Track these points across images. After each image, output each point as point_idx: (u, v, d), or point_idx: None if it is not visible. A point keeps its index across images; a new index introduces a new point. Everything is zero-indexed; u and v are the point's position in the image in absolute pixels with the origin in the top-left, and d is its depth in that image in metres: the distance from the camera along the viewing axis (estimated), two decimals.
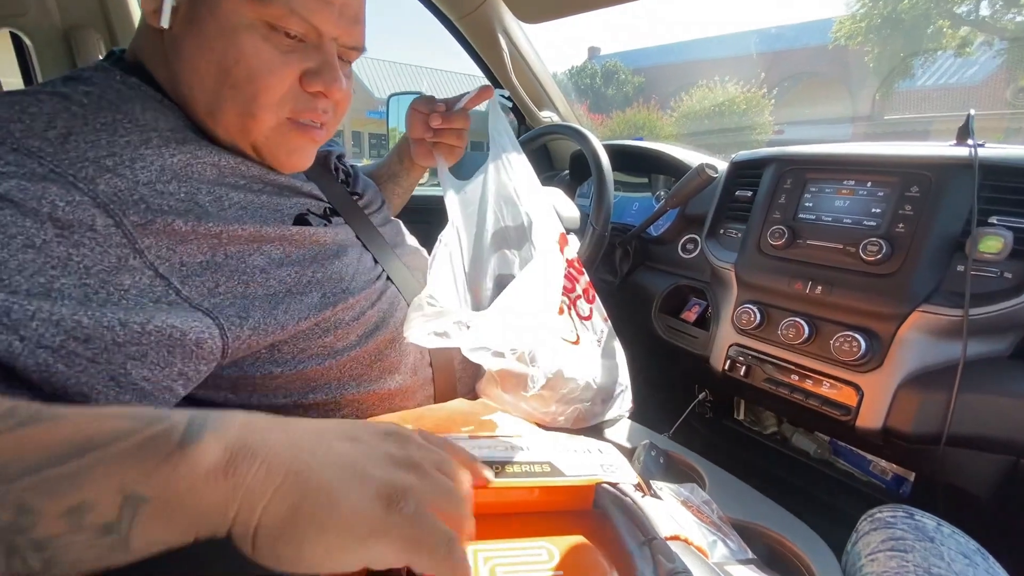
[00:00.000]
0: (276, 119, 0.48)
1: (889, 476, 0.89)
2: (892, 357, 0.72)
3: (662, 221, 1.14)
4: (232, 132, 0.48)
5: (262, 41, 0.45)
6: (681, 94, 22.37)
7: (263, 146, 0.49)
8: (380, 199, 0.71)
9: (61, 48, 0.84)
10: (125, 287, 0.37)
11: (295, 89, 0.48)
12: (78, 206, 0.36)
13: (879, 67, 18.24)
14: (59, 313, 0.32)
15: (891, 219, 0.73)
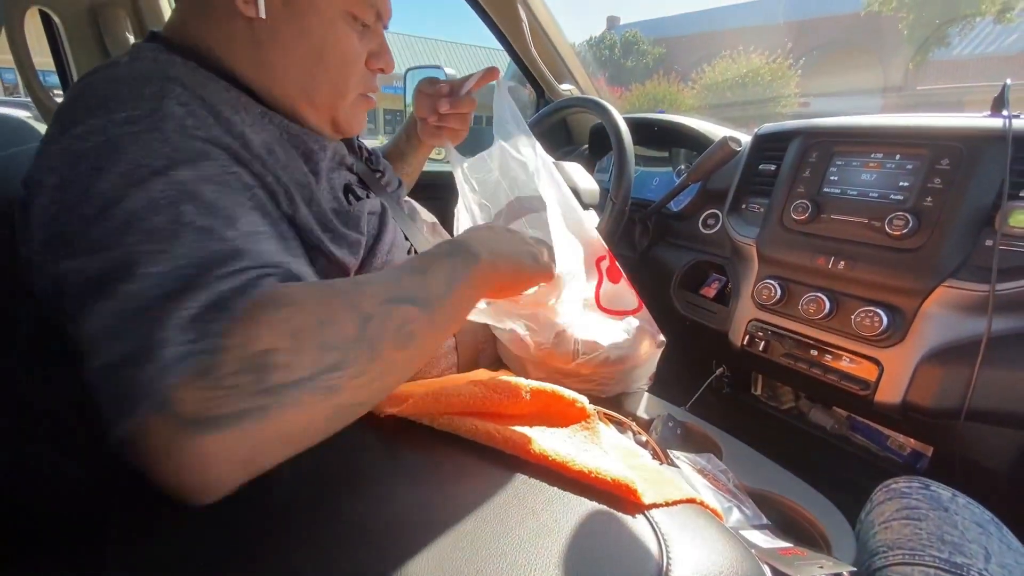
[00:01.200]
0: (353, 96, 0.56)
1: (907, 451, 0.89)
2: (915, 332, 0.71)
3: (683, 196, 1.13)
4: (323, 109, 0.54)
5: (349, 28, 0.52)
6: (703, 65, 21.69)
7: (343, 119, 0.56)
8: (397, 178, 0.73)
9: (89, 26, 0.85)
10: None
11: (362, 69, 0.56)
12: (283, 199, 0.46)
13: (913, 35, 17.37)
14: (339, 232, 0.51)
15: (919, 193, 0.72)
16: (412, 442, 0.43)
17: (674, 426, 0.70)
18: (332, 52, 0.52)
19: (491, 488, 0.37)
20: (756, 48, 20.36)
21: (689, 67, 22.72)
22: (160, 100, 0.39)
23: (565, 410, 0.48)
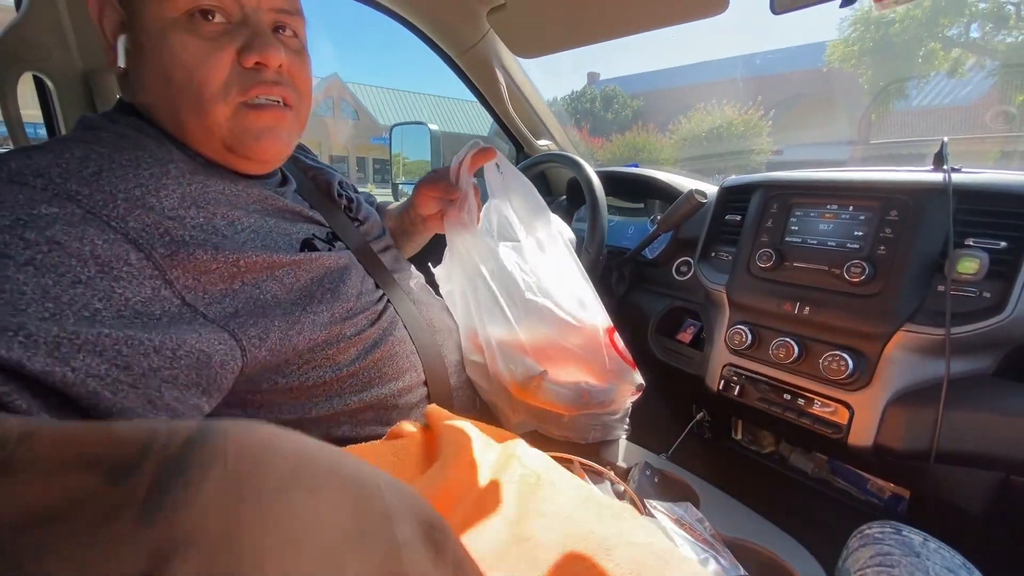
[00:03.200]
0: (229, 107, 0.49)
1: (886, 495, 0.90)
2: (880, 375, 0.74)
3: (656, 244, 1.17)
4: (199, 135, 0.49)
5: (187, 35, 0.46)
6: (679, 117, 22.72)
7: (230, 139, 0.50)
8: (380, 227, 0.74)
9: (80, 89, 0.89)
10: (157, 315, 0.40)
11: (236, 71, 0.48)
12: (114, 243, 0.39)
13: (873, 88, 18.57)
14: (102, 344, 0.35)
15: (873, 242, 0.76)
16: None
17: (651, 474, 0.70)
18: (174, 65, 0.46)
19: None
20: (728, 101, 21.48)
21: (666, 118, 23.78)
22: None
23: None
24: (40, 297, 0.34)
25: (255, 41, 0.48)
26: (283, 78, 0.51)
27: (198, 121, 0.49)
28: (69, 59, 0.86)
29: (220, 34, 0.47)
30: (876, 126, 16.49)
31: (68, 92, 0.87)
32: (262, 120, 0.51)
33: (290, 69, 0.52)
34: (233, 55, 0.48)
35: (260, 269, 0.48)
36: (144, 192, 0.43)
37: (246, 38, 0.48)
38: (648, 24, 1.02)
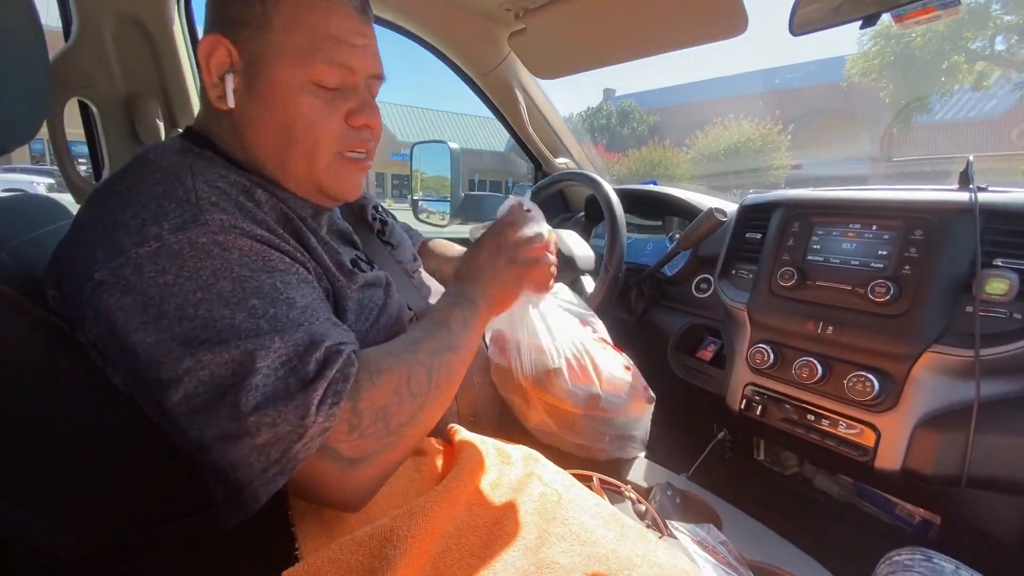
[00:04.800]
0: (331, 157, 0.56)
1: (916, 520, 0.87)
2: (907, 397, 0.72)
3: (676, 261, 1.17)
4: (300, 177, 0.56)
5: (311, 97, 0.53)
6: (696, 132, 22.67)
7: (325, 179, 0.56)
8: (411, 252, 0.77)
9: (123, 114, 0.93)
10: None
11: (342, 128, 0.55)
12: (298, 265, 0.49)
13: (895, 103, 18.31)
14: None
15: (897, 261, 0.75)
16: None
17: (673, 495, 0.69)
18: (297, 123, 0.53)
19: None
20: (746, 116, 21.39)
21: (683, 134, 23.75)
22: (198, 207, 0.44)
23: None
24: (317, 302, 0.48)
25: (365, 107, 0.56)
26: (372, 135, 0.59)
27: (305, 165, 0.55)
28: (113, 86, 0.90)
29: (334, 98, 0.54)
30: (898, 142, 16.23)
31: (111, 117, 0.92)
32: (352, 170, 0.58)
33: (376, 128, 0.59)
34: (342, 115, 0.55)
35: (342, 280, 0.55)
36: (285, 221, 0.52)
37: (356, 103, 0.55)
38: (666, 46, 1.04)
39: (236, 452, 0.40)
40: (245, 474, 0.40)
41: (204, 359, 0.39)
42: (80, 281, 0.42)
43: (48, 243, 0.57)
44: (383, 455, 0.45)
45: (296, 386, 0.40)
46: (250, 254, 0.44)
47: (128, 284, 0.41)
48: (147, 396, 0.42)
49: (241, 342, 0.40)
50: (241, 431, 0.39)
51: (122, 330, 0.41)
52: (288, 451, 0.40)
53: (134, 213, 0.43)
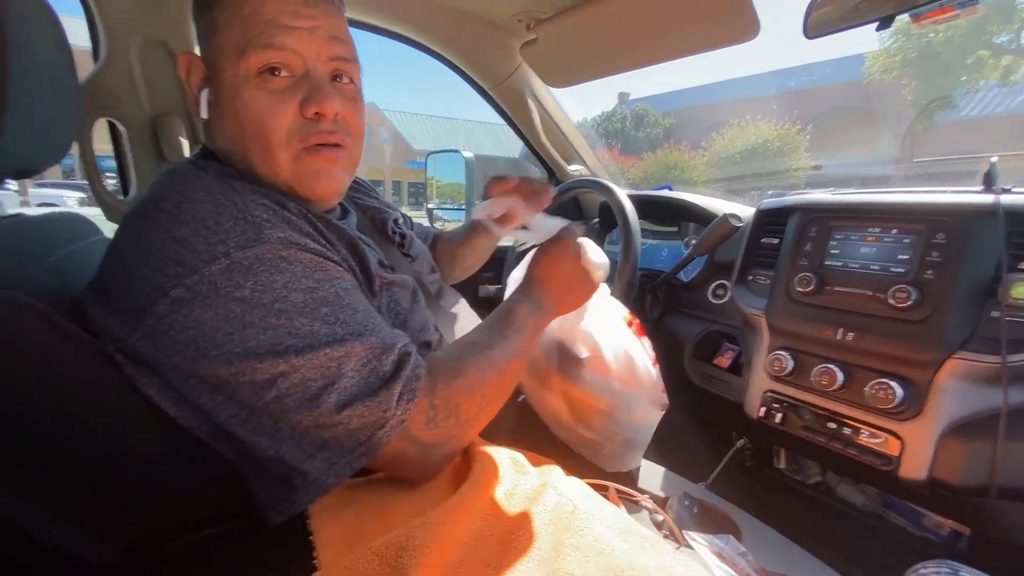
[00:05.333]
0: (291, 152, 0.53)
1: (945, 531, 0.85)
2: (931, 405, 0.71)
3: (692, 267, 1.16)
4: (269, 177, 0.54)
5: (257, 90, 0.51)
6: (712, 134, 22.44)
7: (292, 180, 0.55)
8: (431, 263, 0.78)
9: (148, 132, 0.97)
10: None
11: (299, 120, 0.53)
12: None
13: (918, 100, 17.86)
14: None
15: (919, 266, 0.74)
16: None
17: (691, 504, 0.69)
18: (246, 117, 0.52)
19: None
20: (763, 117, 21.11)
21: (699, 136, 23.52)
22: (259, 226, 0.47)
23: None
24: (369, 306, 0.52)
25: (315, 93, 0.53)
26: (338, 125, 0.55)
27: (266, 165, 0.54)
28: (139, 106, 0.94)
29: (285, 88, 0.52)
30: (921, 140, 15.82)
31: (137, 135, 0.95)
32: (317, 162, 0.55)
33: (345, 115, 0.56)
34: (296, 107, 0.53)
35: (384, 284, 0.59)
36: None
37: (307, 90, 0.53)
38: (678, 52, 1.04)
39: (329, 435, 0.45)
40: (333, 455, 0.46)
41: (296, 364, 0.44)
42: (151, 296, 0.44)
43: (81, 258, 0.60)
44: (453, 442, 0.53)
45: (377, 384, 0.46)
46: (311, 266, 0.48)
47: (207, 300, 0.43)
48: (232, 396, 0.45)
49: (328, 349, 0.45)
50: (335, 422, 0.45)
51: (208, 341, 0.43)
52: (372, 437, 0.46)
53: (193, 231, 0.45)
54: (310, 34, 0.52)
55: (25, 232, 0.57)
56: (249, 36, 0.51)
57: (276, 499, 0.46)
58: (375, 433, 0.46)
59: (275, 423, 0.45)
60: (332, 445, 0.46)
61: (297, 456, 0.45)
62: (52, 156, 0.61)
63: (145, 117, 0.95)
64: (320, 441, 0.45)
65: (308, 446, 0.45)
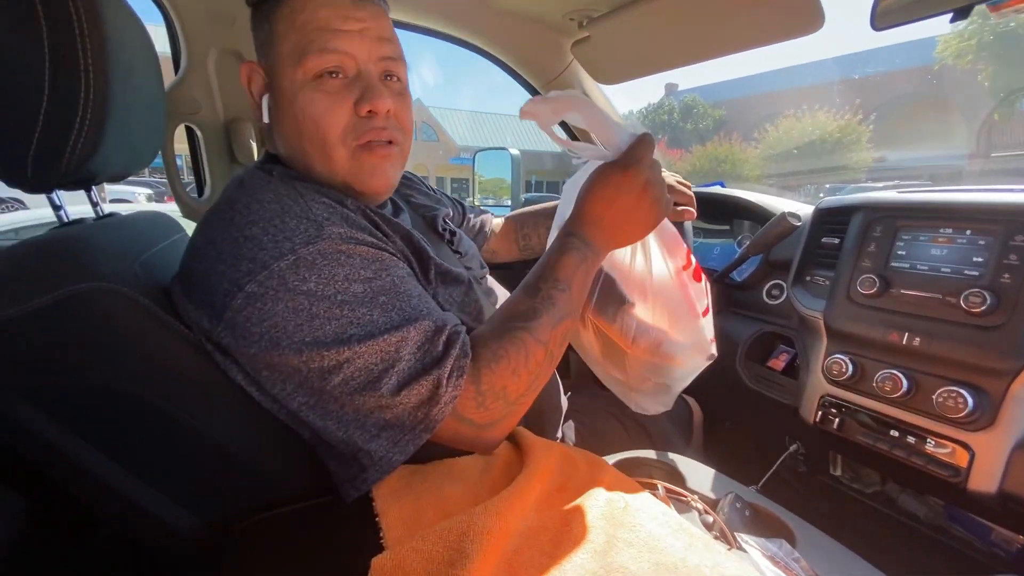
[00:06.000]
0: (348, 150, 0.57)
1: (1015, 547, 0.80)
2: (1005, 416, 0.67)
3: (745, 266, 1.14)
4: (327, 175, 0.58)
5: (315, 92, 0.55)
6: (765, 125, 21.50)
7: (349, 177, 0.58)
8: (479, 260, 0.80)
9: (222, 136, 1.04)
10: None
11: (353, 119, 0.56)
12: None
13: (995, 87, 16.46)
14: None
15: (995, 269, 0.70)
16: None
17: (742, 507, 0.68)
18: (304, 119, 0.55)
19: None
20: (821, 106, 20.04)
21: (751, 127, 22.61)
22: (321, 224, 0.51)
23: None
24: (423, 291, 0.55)
25: (367, 93, 0.56)
26: (390, 121, 0.59)
27: (324, 164, 0.57)
28: (215, 112, 1.01)
29: (339, 90, 0.56)
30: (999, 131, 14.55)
31: (212, 139, 1.02)
32: (372, 160, 0.58)
33: (396, 112, 0.59)
34: (351, 106, 0.56)
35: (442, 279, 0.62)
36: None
37: (360, 90, 0.56)
38: (735, 47, 1.01)
39: (391, 415, 0.49)
40: (396, 433, 0.49)
41: (359, 350, 0.47)
42: (228, 291, 0.48)
43: (168, 255, 0.65)
44: (507, 419, 0.54)
45: (430, 364, 0.49)
46: (368, 258, 0.51)
47: (277, 293, 0.47)
48: (302, 384, 0.49)
49: (386, 335, 0.48)
50: (395, 403, 0.48)
51: (280, 332, 0.47)
52: (428, 414, 0.49)
53: (262, 229, 0.49)
54: (360, 36, 0.56)
55: (121, 231, 0.63)
56: (306, 43, 0.54)
57: (350, 477, 0.50)
58: (431, 410, 0.49)
59: (341, 407, 0.48)
60: (394, 424, 0.49)
61: (364, 437, 0.49)
62: (143, 161, 0.67)
63: (219, 122, 1.02)
64: (383, 421, 0.49)
65: (372, 427, 0.49)
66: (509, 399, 0.53)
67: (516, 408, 0.54)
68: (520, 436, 0.63)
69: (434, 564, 0.43)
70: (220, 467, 0.53)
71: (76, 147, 0.50)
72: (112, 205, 7.98)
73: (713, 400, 1.11)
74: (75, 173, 0.52)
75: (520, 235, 0.99)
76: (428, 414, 0.49)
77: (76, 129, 0.49)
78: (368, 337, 0.48)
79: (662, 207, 0.59)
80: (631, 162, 0.57)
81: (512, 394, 0.53)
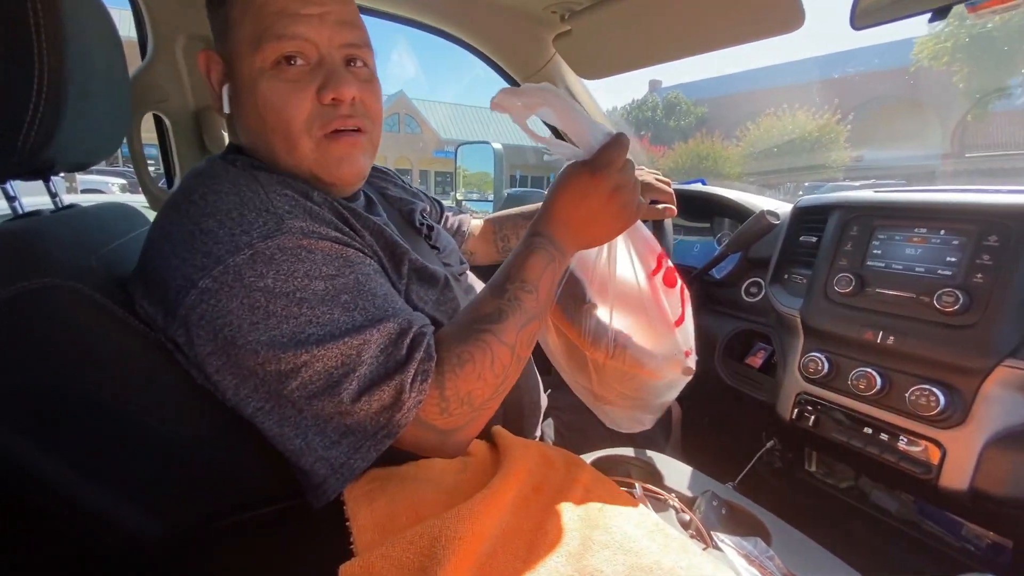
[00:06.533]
0: (313, 140, 0.54)
1: (985, 543, 0.82)
2: (976, 414, 0.68)
3: (725, 264, 1.14)
4: (293, 167, 0.55)
5: (274, 80, 0.52)
6: (747, 123, 21.78)
7: (315, 167, 0.55)
8: (458, 255, 0.79)
9: (191, 125, 1.00)
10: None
11: (317, 108, 0.54)
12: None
13: (969, 88, 16.90)
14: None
15: (968, 269, 0.71)
16: None
17: (718, 505, 0.68)
18: (266, 109, 0.53)
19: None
20: (801, 105, 20.36)
21: (732, 125, 22.87)
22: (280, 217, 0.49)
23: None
24: (391, 290, 0.53)
25: (330, 80, 0.53)
26: (356, 109, 0.56)
27: (289, 155, 0.55)
28: (184, 100, 0.97)
29: (300, 77, 0.53)
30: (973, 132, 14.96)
31: (181, 128, 0.99)
32: (339, 148, 0.56)
33: (362, 99, 0.57)
34: (313, 94, 0.53)
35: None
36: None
37: (323, 77, 0.53)
38: (717, 44, 1.01)
39: (351, 421, 0.47)
40: (357, 440, 0.47)
41: (317, 353, 0.45)
42: (182, 287, 0.46)
43: (130, 248, 0.63)
44: (472, 424, 0.53)
45: (393, 368, 0.47)
46: (331, 254, 0.49)
47: (232, 290, 0.45)
48: (258, 388, 0.46)
49: (347, 338, 0.46)
50: (355, 409, 0.46)
51: (235, 330, 0.45)
52: (391, 420, 0.47)
53: (218, 222, 0.47)
54: (320, 21, 0.53)
55: (80, 223, 0.60)
56: (262, 28, 0.52)
57: (312, 485, 0.48)
58: (394, 416, 0.47)
59: (299, 412, 0.46)
60: (355, 431, 0.47)
61: (323, 443, 0.47)
62: (105, 150, 0.63)
63: (189, 110, 0.98)
64: (344, 427, 0.46)
65: (333, 432, 0.47)
66: (474, 404, 0.51)
67: (481, 413, 0.52)
68: (498, 436, 0.62)
69: (405, 571, 0.42)
70: (182, 468, 0.51)
71: (30, 134, 0.47)
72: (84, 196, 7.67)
73: (691, 397, 1.12)
74: (30, 162, 0.49)
75: (499, 236, 0.97)
76: (391, 420, 0.47)
77: (30, 115, 0.46)
78: (328, 338, 0.45)
79: (632, 211, 0.57)
80: (601, 165, 0.54)
81: (477, 399, 0.51)
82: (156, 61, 0.92)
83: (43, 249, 0.49)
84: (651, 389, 0.68)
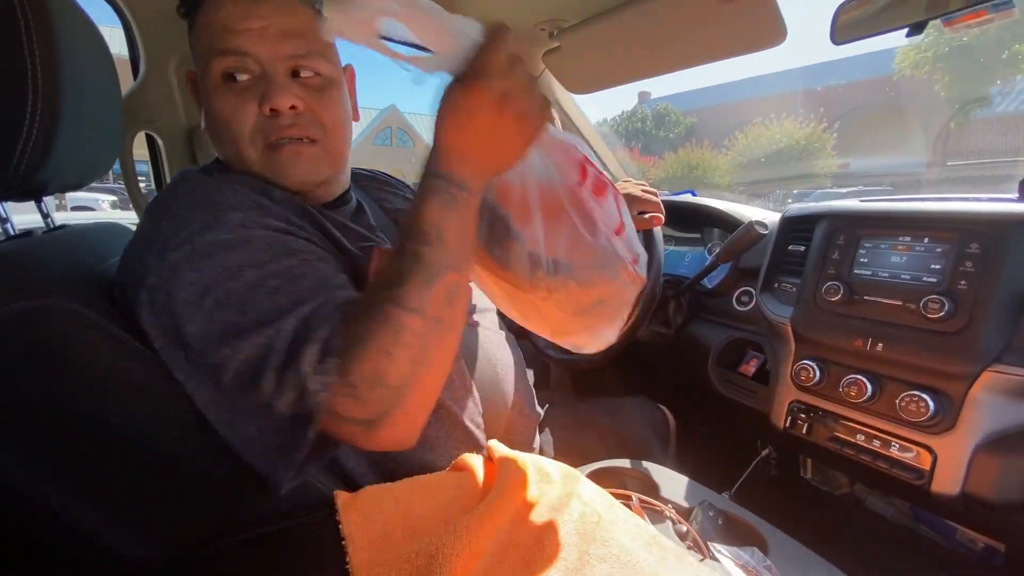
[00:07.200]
0: (257, 150, 0.56)
1: (979, 546, 0.83)
2: (965, 419, 0.69)
3: (716, 273, 1.15)
4: (249, 170, 0.58)
5: (224, 94, 0.55)
6: (736, 132, 22.08)
7: (266, 173, 0.57)
8: None
9: (184, 144, 1.00)
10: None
11: (260, 119, 0.55)
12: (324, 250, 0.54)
13: (950, 95, 17.27)
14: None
15: (952, 276, 0.72)
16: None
17: (715, 515, 0.68)
18: (219, 121, 0.56)
19: None
20: (788, 115, 20.69)
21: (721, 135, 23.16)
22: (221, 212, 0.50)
23: None
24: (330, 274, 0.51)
25: (268, 92, 0.55)
26: (301, 118, 0.57)
27: (240, 162, 0.57)
28: (176, 119, 0.97)
29: (245, 89, 0.55)
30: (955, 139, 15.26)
31: (174, 147, 0.99)
32: (284, 156, 0.57)
33: (311, 107, 0.57)
34: (256, 106, 0.55)
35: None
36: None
37: (264, 89, 0.55)
38: (702, 59, 1.03)
39: (279, 413, 0.44)
40: (287, 433, 0.44)
41: (239, 345, 0.44)
42: (137, 289, 0.47)
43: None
44: (398, 409, 0.44)
45: (296, 356, 0.43)
46: (268, 241, 0.49)
47: (171, 286, 0.45)
48: (202, 383, 0.46)
49: (265, 328, 0.44)
50: (278, 401, 0.43)
51: (176, 326, 0.45)
52: (307, 411, 0.43)
53: (169, 223, 0.49)
54: (260, 34, 0.54)
55: (73, 243, 0.60)
56: (209, 44, 0.55)
57: (263, 480, 0.47)
58: (306, 407, 0.44)
59: (237, 406, 0.46)
60: (283, 423, 0.44)
61: (262, 437, 0.45)
62: (97, 171, 0.64)
63: (181, 129, 0.99)
64: (273, 419, 0.44)
65: (266, 426, 0.45)
66: (389, 384, 0.43)
67: (405, 394, 0.44)
68: (494, 450, 0.62)
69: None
70: (178, 488, 0.50)
71: (23, 157, 0.47)
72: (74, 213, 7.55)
73: (686, 407, 1.12)
74: (22, 184, 0.50)
75: None
76: (306, 411, 0.43)
77: (23, 138, 0.47)
78: (251, 328, 0.44)
79: (533, 119, 0.48)
80: (475, 75, 0.44)
81: (392, 378, 0.43)
82: (149, 81, 0.93)
83: (37, 269, 0.49)
84: (606, 306, 0.61)
